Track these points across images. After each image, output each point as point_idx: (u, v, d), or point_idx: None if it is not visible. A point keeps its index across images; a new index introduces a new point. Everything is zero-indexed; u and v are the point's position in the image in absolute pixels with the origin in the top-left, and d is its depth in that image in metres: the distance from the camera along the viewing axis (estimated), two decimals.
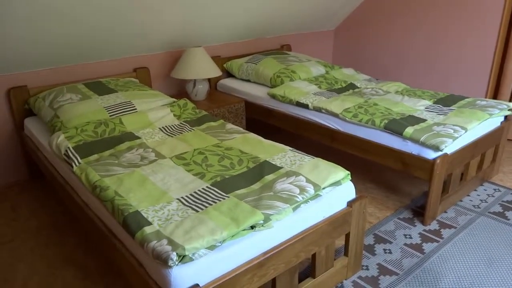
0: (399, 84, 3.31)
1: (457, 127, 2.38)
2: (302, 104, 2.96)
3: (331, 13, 4.35)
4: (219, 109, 3.20)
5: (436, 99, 2.93)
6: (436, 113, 2.67)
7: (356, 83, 3.38)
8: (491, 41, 3.49)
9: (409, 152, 2.39)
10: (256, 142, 2.20)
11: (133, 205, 1.59)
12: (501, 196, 2.71)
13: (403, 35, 4.12)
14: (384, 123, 2.48)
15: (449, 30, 3.76)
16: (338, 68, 3.73)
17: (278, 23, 4.00)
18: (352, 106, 2.76)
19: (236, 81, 3.69)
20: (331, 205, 1.78)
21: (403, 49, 4.17)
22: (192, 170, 1.88)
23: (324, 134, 2.86)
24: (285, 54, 3.83)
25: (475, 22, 3.56)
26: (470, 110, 2.63)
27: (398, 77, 4.22)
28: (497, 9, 3.40)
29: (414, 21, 4.00)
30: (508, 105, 2.77)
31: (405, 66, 4.19)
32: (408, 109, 2.75)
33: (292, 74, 3.41)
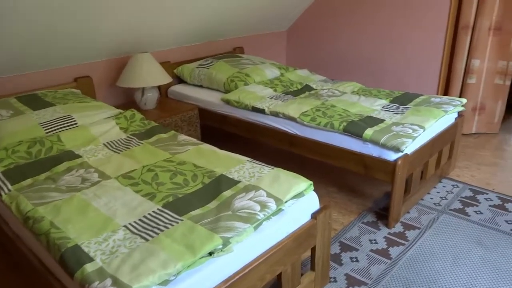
0: (354, 84, 3.27)
1: (416, 126, 2.35)
2: (258, 109, 2.84)
3: (283, 14, 4.27)
4: (171, 118, 3.01)
5: (392, 98, 2.90)
6: (393, 113, 2.64)
7: (312, 85, 3.30)
8: (440, 38, 3.54)
9: (369, 155, 2.32)
10: (211, 154, 2.04)
11: (72, 238, 1.39)
12: (459, 192, 2.72)
13: (355, 34, 4.11)
14: (343, 126, 2.41)
15: (399, 29, 3.79)
16: (292, 69, 3.65)
17: (229, 25, 3.86)
18: (310, 109, 2.67)
19: (188, 87, 3.51)
20: (295, 219, 1.66)
21: (355, 48, 4.16)
22: (141, 190, 1.70)
23: (282, 139, 2.75)
24: (238, 57, 3.70)
25: (424, 20, 3.60)
26: (426, 108, 2.62)
27: (353, 76, 4.21)
28: (443, 7, 3.45)
29: (365, 20, 4.00)
30: (461, 101, 2.79)
31: (359, 65, 4.19)
32: (365, 109, 2.70)
33: (246, 77, 3.28)
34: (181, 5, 3.11)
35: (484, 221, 2.38)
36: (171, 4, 3.04)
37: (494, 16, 3.35)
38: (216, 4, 3.38)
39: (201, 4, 3.27)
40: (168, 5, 3.03)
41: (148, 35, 3.22)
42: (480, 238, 2.23)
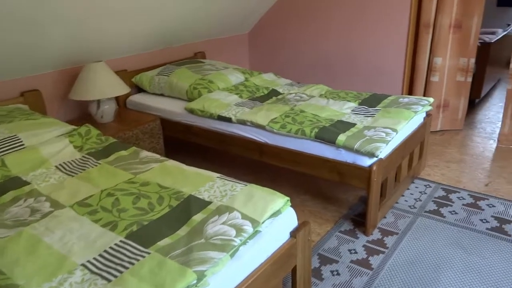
0: (321, 87, 3.20)
1: (388, 130, 2.29)
2: (225, 117, 2.69)
3: (244, 17, 4.15)
4: (132, 131, 2.80)
5: (361, 100, 2.85)
6: (363, 115, 2.58)
7: (278, 89, 3.20)
8: (402, 37, 3.54)
9: (343, 161, 2.24)
10: (177, 171, 1.88)
11: (20, 285, 1.19)
12: (432, 192, 2.70)
13: (318, 35, 4.06)
14: (315, 132, 2.31)
15: (362, 29, 3.76)
16: (257, 74, 3.53)
17: (189, 30, 3.69)
18: (279, 116, 2.56)
19: (148, 96, 3.31)
20: (273, 240, 1.54)
21: (319, 49, 4.10)
22: (100, 219, 1.52)
23: (251, 149, 2.63)
24: (200, 63, 3.54)
25: (386, 19, 3.59)
26: (396, 110, 2.58)
27: (318, 78, 4.15)
28: (404, 6, 3.44)
29: (328, 20, 3.95)
30: (428, 101, 2.77)
31: (324, 67, 4.13)
32: (335, 113, 2.62)
33: (210, 84, 3.13)
34: (136, 10, 2.92)
35: (460, 221, 2.36)
36: (125, 9, 2.84)
37: (454, 14, 3.38)
38: (174, 8, 3.21)
39: (158, 9, 3.09)
40: (121, 10, 2.82)
41: (101, 43, 2.99)
42: (459, 240, 2.19)
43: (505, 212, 2.43)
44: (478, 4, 3.27)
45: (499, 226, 2.30)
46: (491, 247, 2.12)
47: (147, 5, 2.96)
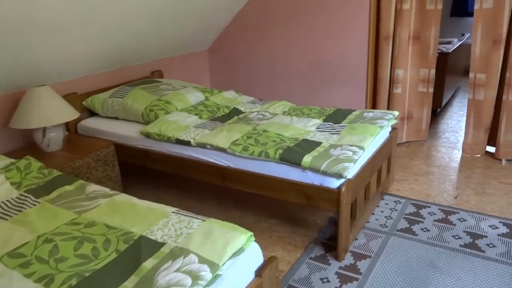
0: (284, 103, 3.09)
1: (355, 148, 2.19)
2: (183, 141, 2.52)
3: (202, 33, 4.01)
4: (83, 160, 2.57)
5: (325, 116, 2.75)
6: (329, 133, 2.47)
7: (240, 107, 3.06)
8: (363, 50, 3.50)
9: (310, 183, 2.11)
10: (128, 207, 1.68)
11: None
12: (402, 208, 2.62)
13: (279, 50, 3.97)
14: (279, 154, 2.17)
15: (323, 43, 3.70)
16: (218, 92, 3.38)
17: (145, 48, 3.51)
18: (241, 137, 2.41)
19: (101, 120, 3.08)
20: (236, 282, 1.37)
21: (281, 64, 4.01)
22: (33, 273, 1.30)
23: (213, 173, 2.46)
24: (156, 83, 3.35)
25: (346, 32, 3.55)
26: (362, 125, 2.49)
27: (281, 95, 4.05)
28: (363, 19, 3.41)
29: (288, 35, 3.87)
30: (393, 114, 2.72)
31: (286, 82, 4.04)
32: (300, 131, 2.51)
33: (167, 105, 2.95)
34: (85, 28, 2.71)
35: (433, 239, 2.28)
36: (73, 28, 2.63)
37: (412, 26, 3.38)
38: (128, 27, 3.02)
39: (110, 27, 2.89)
40: (69, 29, 2.61)
41: (46, 64, 2.76)
42: (433, 260, 2.10)
43: (477, 226, 2.37)
44: (435, 15, 3.28)
45: (472, 242, 2.23)
46: (465, 266, 2.04)
47: (97, 24, 2.76)
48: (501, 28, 2.99)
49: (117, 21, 2.90)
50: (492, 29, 3.03)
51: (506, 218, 2.44)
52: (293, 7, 3.73)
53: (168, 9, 3.22)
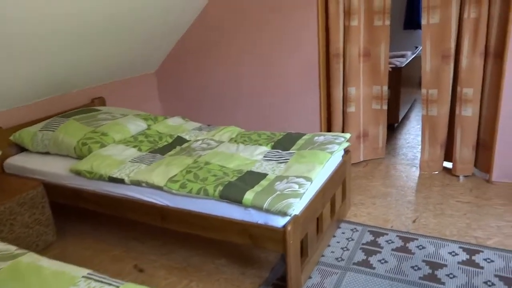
0: (233, 129, 2.90)
1: (301, 179, 2.01)
2: (116, 179, 2.27)
3: (148, 54, 3.79)
4: (4, 205, 2.28)
5: (274, 142, 2.58)
6: (276, 162, 2.29)
7: (185, 136, 2.85)
8: (314, 69, 3.38)
9: (254, 222, 1.91)
10: (32, 272, 1.42)
11: None
12: (360, 237, 2.46)
13: (229, 72, 3.80)
14: (219, 191, 1.97)
15: (274, 63, 3.56)
16: (162, 119, 3.15)
17: (84, 73, 3.25)
18: (179, 172, 2.19)
19: (31, 156, 2.79)
20: None
21: (232, 87, 3.84)
22: None
23: (151, 214, 2.22)
24: (95, 112, 3.09)
25: (297, 51, 3.42)
26: (311, 152, 2.33)
27: (232, 119, 3.87)
28: (312, 37, 3.30)
29: (240, 55, 3.71)
30: (345, 137, 2.58)
31: (237, 106, 3.87)
32: (245, 162, 2.32)
33: (103, 137, 2.69)
34: (11, 54, 2.43)
35: (391, 272, 2.12)
36: None
37: (362, 43, 3.28)
38: (63, 50, 2.76)
39: (42, 51, 2.61)
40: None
41: None
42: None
43: (436, 254, 2.23)
44: (384, 31, 3.20)
45: (431, 273, 2.09)
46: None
47: (27, 48, 2.49)
48: (449, 43, 2.93)
49: (50, 44, 2.63)
50: (441, 44, 2.97)
51: (465, 243, 2.32)
52: (241, 27, 3.58)
53: (109, 31, 2.98)
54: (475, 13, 2.79)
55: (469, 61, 2.89)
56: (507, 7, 2.68)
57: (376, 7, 3.15)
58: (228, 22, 3.62)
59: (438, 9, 2.91)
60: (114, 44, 3.19)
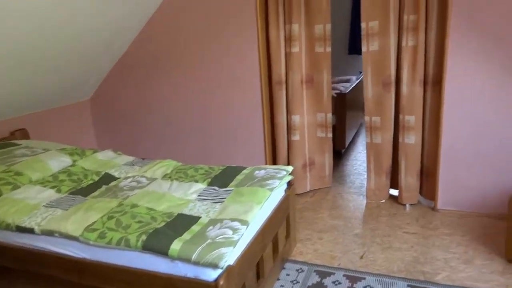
0: (169, 163, 2.67)
1: (236, 223, 1.81)
2: (25, 228, 1.96)
3: (80, 80, 3.49)
4: None
5: (211, 178, 2.38)
6: (211, 201, 2.09)
7: (114, 172, 2.58)
8: (257, 97, 3.24)
9: (182, 276, 1.68)
10: None
11: None
12: (305, 279, 2.28)
13: (168, 100, 3.58)
14: (142, 241, 1.72)
15: (214, 91, 3.39)
16: (91, 153, 2.86)
17: (3, 102, 2.90)
18: (100, 219, 1.92)
19: None
20: None
21: (171, 116, 3.61)
22: None
23: (66, 268, 1.92)
24: (11, 146, 2.75)
25: (240, 80, 3.28)
26: (249, 190, 2.14)
27: (172, 151, 3.64)
28: (254, 67, 3.17)
29: (181, 83, 3.51)
30: (287, 170, 2.43)
31: (176, 137, 3.64)
32: (177, 203, 2.09)
33: (17, 178, 2.37)
34: None
35: None
36: None
37: (304, 69, 3.20)
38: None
39: None
40: None
41: None
42: None
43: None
44: (325, 58, 3.13)
45: None
46: None
47: None
48: (389, 70, 2.90)
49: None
50: (381, 72, 2.94)
51: (414, 279, 2.21)
52: (180, 55, 3.40)
53: (34, 53, 2.68)
54: (413, 41, 2.78)
55: (409, 88, 2.87)
56: (443, 35, 2.69)
57: (317, 34, 3.09)
58: (167, 49, 3.43)
59: (377, 37, 2.89)
60: (40, 69, 2.89)
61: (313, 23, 3.08)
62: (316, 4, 3.02)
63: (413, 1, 2.72)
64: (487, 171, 2.77)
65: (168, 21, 3.35)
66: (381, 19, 2.85)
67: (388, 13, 2.82)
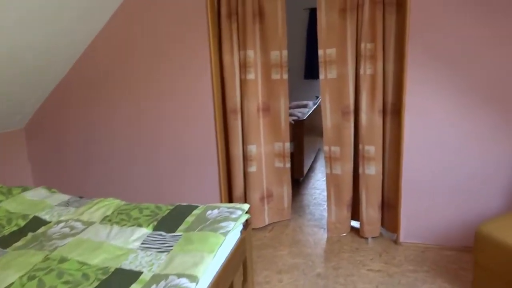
0: (110, 202, 2.36)
1: (184, 280, 1.55)
2: None
3: (12, 106, 3.12)
4: None
5: (157, 220, 2.10)
6: (156, 250, 1.82)
7: (44, 216, 2.24)
8: (210, 128, 3.03)
9: None
10: None
11: None
12: None
13: (112, 130, 3.28)
14: None
15: (167, 120, 3.14)
16: (19, 192, 2.50)
17: None
18: (18, 279, 1.59)
19: None
20: None
21: (116, 150, 3.31)
22: None
23: None
24: None
25: (189, 107, 3.05)
26: (200, 235, 1.90)
27: (116, 188, 3.32)
28: (207, 94, 2.97)
29: (123, 112, 3.22)
30: (242, 209, 2.20)
31: (122, 172, 3.33)
32: (116, 254, 1.80)
33: None
34: None
35: None
36: None
37: (260, 97, 3.04)
38: None
39: None
40: None
41: None
42: None
43: None
44: (282, 85, 3.00)
45: None
46: None
47: None
48: (348, 99, 2.80)
49: None
50: (340, 100, 2.84)
51: None
52: (126, 79, 3.14)
53: None
54: (371, 70, 2.70)
55: (369, 117, 2.77)
56: (401, 64, 2.63)
57: (273, 60, 2.95)
58: (112, 73, 3.16)
59: (334, 65, 2.79)
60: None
61: (269, 49, 2.94)
62: (272, 30, 2.89)
63: (370, 30, 2.65)
64: (450, 202, 2.70)
65: (114, 42, 3.09)
66: (338, 46, 2.76)
67: (345, 41, 2.73)
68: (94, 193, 3.19)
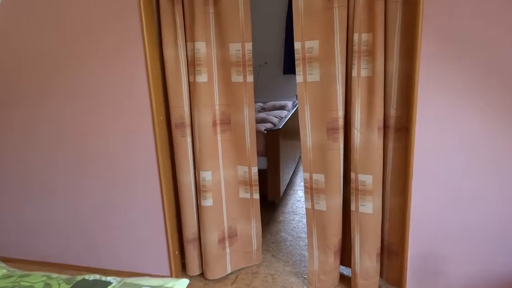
0: None
1: None
2: None
3: None
4: None
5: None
6: None
7: None
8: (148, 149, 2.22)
9: None
10: None
11: None
12: None
13: (26, 160, 2.45)
14: None
15: (89, 136, 2.32)
16: None
17: None
18: None
19: None
20: None
21: (30, 189, 2.48)
22: None
23: None
24: None
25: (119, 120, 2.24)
26: None
27: (40, 252, 2.50)
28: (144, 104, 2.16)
29: (32, 126, 2.39)
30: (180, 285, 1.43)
31: (20, 206, 2.51)
32: None
33: None
34: None
35: None
36: None
37: (217, 107, 2.25)
38: None
39: None
40: None
41: None
42: None
43: None
44: (246, 90, 2.20)
45: None
46: None
47: None
48: (335, 111, 2.03)
49: None
50: (324, 112, 2.06)
51: None
52: (35, 83, 2.30)
53: None
54: (368, 70, 1.93)
55: (364, 136, 2.01)
56: (411, 63, 1.87)
57: (233, 56, 2.15)
58: (17, 74, 2.31)
59: (317, 63, 2.01)
60: None
61: (227, 41, 2.14)
62: (231, 15, 2.09)
63: (366, 15, 1.88)
64: (480, 250, 1.97)
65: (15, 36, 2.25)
66: (322, 38, 1.98)
67: (331, 31, 1.95)
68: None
